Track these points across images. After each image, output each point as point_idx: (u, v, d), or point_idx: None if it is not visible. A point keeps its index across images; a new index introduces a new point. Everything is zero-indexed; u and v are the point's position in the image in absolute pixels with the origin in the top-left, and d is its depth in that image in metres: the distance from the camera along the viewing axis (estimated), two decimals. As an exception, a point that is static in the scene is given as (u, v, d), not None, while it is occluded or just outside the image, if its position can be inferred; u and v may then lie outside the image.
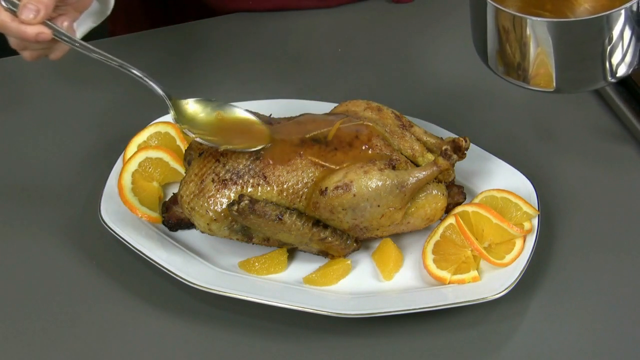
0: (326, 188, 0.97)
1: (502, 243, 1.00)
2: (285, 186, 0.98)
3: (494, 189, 1.04)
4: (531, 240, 0.99)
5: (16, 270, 1.04)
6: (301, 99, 1.17)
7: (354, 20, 1.38)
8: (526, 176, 1.06)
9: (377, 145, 1.01)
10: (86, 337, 0.97)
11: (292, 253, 1.03)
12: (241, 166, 0.99)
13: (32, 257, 1.05)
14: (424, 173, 0.99)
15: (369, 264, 1.02)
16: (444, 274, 0.98)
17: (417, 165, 1.02)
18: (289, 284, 0.99)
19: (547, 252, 1.02)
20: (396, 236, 1.03)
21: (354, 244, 1.01)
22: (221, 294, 0.96)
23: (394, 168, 0.99)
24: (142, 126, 1.13)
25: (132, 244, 1.01)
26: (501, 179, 1.06)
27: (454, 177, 1.04)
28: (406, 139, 1.04)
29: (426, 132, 1.07)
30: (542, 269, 1.01)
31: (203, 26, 1.38)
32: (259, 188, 0.98)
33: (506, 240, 1.00)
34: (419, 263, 1.01)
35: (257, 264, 1.01)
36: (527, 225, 1.01)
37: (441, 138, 1.06)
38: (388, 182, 0.98)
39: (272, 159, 0.99)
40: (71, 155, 1.17)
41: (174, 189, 1.08)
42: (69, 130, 1.21)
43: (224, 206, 0.97)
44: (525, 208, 1.01)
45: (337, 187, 0.97)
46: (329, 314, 0.94)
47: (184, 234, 1.05)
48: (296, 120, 1.05)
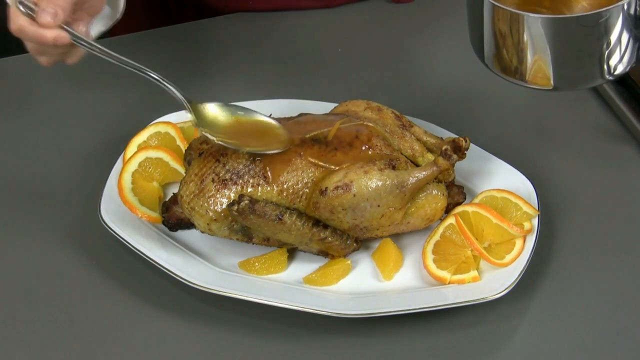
0: (326, 188, 0.97)
1: (502, 243, 1.00)
2: (285, 186, 0.98)
3: (494, 189, 1.04)
4: (531, 240, 0.99)
5: (16, 270, 1.04)
6: (301, 99, 1.17)
7: (354, 20, 1.38)
8: (526, 176, 1.06)
9: (377, 145, 1.01)
10: (86, 337, 0.97)
11: (292, 253, 1.03)
12: (241, 166, 0.99)
13: (33, 257, 1.05)
14: (424, 173, 0.99)
15: (369, 264, 1.02)
16: (444, 274, 0.98)
17: (417, 165, 1.02)
18: (289, 284, 0.99)
19: (547, 252, 1.02)
20: (396, 236, 1.03)
21: (354, 244, 1.01)
22: (221, 294, 0.96)
23: (394, 168, 0.99)
24: (142, 126, 1.13)
25: (132, 244, 1.01)
26: (501, 179, 1.06)
27: (454, 177, 1.04)
28: (406, 139, 1.04)
29: (426, 132, 1.06)
30: (542, 269, 1.01)
31: (203, 26, 1.38)
32: (259, 188, 0.98)
33: (506, 240, 1.00)
34: (419, 263, 1.01)
35: (257, 264, 1.01)
36: (527, 225, 1.01)
37: (441, 138, 1.06)
38: (388, 182, 0.98)
39: (272, 158, 0.99)
40: (71, 156, 1.17)
41: (174, 189, 1.08)
42: (69, 131, 1.21)
43: (224, 206, 0.97)
44: (525, 208, 1.01)
45: (337, 187, 0.97)
46: (329, 314, 0.94)
47: (184, 234, 1.05)
48: (296, 120, 1.04)
